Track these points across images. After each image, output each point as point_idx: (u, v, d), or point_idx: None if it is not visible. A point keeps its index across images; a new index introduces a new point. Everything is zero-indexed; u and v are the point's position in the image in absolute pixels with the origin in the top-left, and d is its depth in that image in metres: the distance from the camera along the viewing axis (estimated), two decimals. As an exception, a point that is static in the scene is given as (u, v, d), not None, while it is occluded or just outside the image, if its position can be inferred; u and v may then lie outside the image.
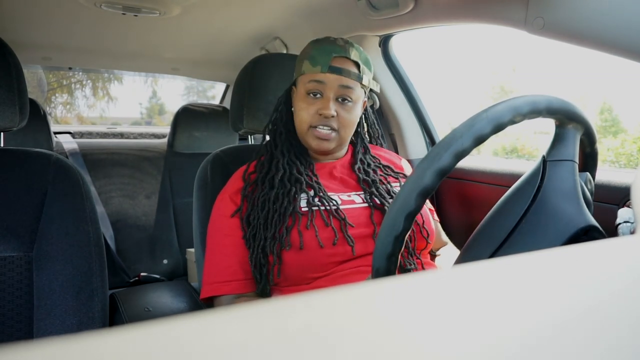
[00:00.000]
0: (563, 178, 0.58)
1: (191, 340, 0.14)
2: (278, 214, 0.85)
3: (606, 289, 0.19)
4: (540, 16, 0.88)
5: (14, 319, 0.83)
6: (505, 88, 7.95)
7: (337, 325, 0.16)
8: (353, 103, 0.92)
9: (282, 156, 0.94)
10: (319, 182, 0.92)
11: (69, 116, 11.05)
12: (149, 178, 2.03)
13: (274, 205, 0.87)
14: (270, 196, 0.88)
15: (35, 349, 0.13)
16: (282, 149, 0.95)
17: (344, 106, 0.91)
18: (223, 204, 0.93)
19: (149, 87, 12.40)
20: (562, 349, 0.14)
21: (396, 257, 0.53)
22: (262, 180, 0.91)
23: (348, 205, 0.90)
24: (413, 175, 0.53)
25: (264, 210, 0.87)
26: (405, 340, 0.15)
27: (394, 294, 0.19)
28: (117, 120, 11.12)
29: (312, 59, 0.91)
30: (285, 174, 0.91)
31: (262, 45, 1.84)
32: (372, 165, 1.00)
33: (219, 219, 0.92)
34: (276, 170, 0.91)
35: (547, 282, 0.20)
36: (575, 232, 0.53)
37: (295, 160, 0.94)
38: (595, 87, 6.50)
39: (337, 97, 0.91)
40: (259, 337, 0.15)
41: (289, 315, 0.16)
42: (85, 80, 10.85)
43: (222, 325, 0.15)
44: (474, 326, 0.16)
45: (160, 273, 1.87)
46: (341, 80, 0.90)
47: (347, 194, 0.93)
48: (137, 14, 1.46)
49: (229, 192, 0.94)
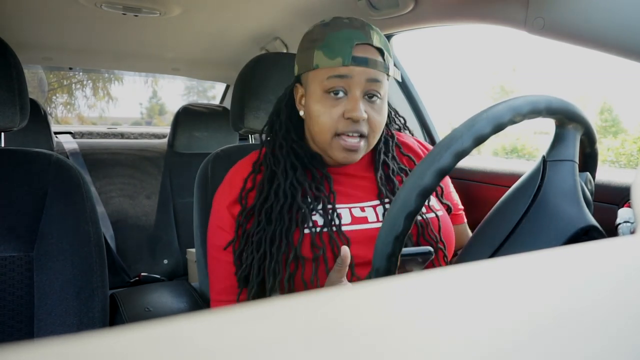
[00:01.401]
0: (563, 178, 0.58)
1: (191, 340, 0.14)
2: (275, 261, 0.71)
3: (606, 289, 0.19)
4: (540, 16, 0.88)
5: (14, 319, 0.83)
6: (506, 88, 7.95)
7: (337, 325, 0.16)
8: (382, 100, 0.77)
9: (285, 178, 0.77)
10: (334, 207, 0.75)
11: (70, 116, 11.06)
12: (149, 178, 2.03)
13: (271, 248, 0.72)
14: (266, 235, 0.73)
15: (35, 349, 0.13)
16: (286, 167, 0.78)
17: (373, 105, 0.76)
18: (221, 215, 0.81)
19: (149, 87, 12.40)
20: (562, 349, 0.14)
21: (396, 257, 0.53)
22: (259, 210, 0.76)
23: (358, 226, 0.76)
24: (413, 175, 0.53)
25: (259, 251, 0.73)
26: (405, 340, 0.15)
27: (394, 294, 0.19)
28: (118, 120, 11.13)
29: (329, 49, 0.74)
30: (285, 203, 0.75)
31: (262, 45, 1.84)
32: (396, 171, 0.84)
33: (217, 232, 0.82)
34: (275, 198, 0.76)
35: (547, 282, 0.20)
36: (575, 232, 0.53)
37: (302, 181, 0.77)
38: (595, 87, 6.50)
39: (365, 93, 0.75)
40: (259, 337, 0.15)
41: (289, 315, 0.16)
42: (85, 80, 10.85)
43: (222, 325, 0.15)
44: (474, 326, 0.16)
45: (160, 273, 1.87)
46: (368, 73, 0.73)
47: (361, 205, 0.79)
48: (137, 14, 1.46)
49: (226, 203, 0.81)
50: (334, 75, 0.74)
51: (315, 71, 0.76)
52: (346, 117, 0.74)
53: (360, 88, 0.74)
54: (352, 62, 0.73)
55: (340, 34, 0.74)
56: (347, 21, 0.76)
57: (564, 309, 0.17)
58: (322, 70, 0.75)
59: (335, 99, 0.74)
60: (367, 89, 0.75)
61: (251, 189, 0.80)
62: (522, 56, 8.07)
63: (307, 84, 0.78)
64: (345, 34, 0.74)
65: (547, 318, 0.16)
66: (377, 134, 0.78)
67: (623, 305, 0.17)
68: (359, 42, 0.73)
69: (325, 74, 0.74)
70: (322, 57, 0.74)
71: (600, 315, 0.17)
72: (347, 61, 0.72)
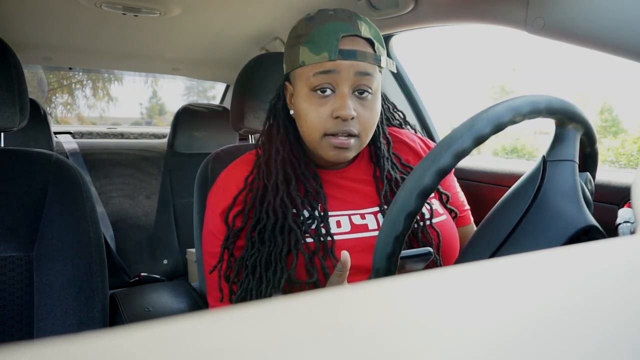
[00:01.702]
0: (563, 178, 0.58)
1: (191, 340, 0.14)
2: (272, 286, 0.68)
3: (606, 289, 0.19)
4: (540, 16, 0.88)
5: (14, 319, 0.82)
6: (506, 88, 7.95)
7: (337, 325, 0.16)
8: (373, 95, 0.73)
9: (276, 192, 0.73)
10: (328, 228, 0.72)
11: (69, 116, 11.05)
12: (149, 178, 2.03)
13: (267, 273, 0.69)
14: (261, 257, 0.70)
15: (35, 349, 0.13)
16: (277, 181, 0.74)
17: (363, 102, 0.72)
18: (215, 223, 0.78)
19: (149, 87, 12.39)
20: (562, 349, 0.14)
21: (396, 257, 0.53)
22: (252, 227, 0.73)
23: (358, 234, 0.73)
24: (413, 175, 0.53)
25: (255, 276, 0.70)
26: (405, 340, 0.15)
27: (394, 294, 0.19)
28: (118, 120, 11.13)
29: (314, 44, 0.70)
30: (277, 223, 0.71)
31: (262, 45, 1.84)
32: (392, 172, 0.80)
33: (211, 238, 0.79)
34: (267, 218, 0.72)
35: (547, 282, 0.20)
36: (575, 232, 0.53)
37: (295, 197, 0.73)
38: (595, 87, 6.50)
39: (354, 89, 0.71)
40: (260, 337, 0.15)
41: (289, 316, 0.16)
42: (85, 80, 10.85)
43: (222, 325, 0.15)
44: (474, 326, 0.16)
45: (160, 273, 1.87)
46: (357, 66, 0.69)
47: (361, 212, 0.76)
48: (137, 14, 1.46)
49: (219, 210, 0.78)
50: (320, 71, 0.70)
51: (302, 68, 0.72)
52: (334, 117, 0.70)
53: (348, 84, 0.70)
54: (339, 56, 0.68)
55: (325, 26, 0.70)
56: (332, 13, 0.72)
57: (564, 309, 0.17)
58: (308, 67, 0.71)
59: (322, 97, 0.71)
60: (356, 84, 0.71)
61: (241, 211, 0.76)
62: (522, 56, 8.07)
63: (295, 82, 0.75)
64: (331, 26, 0.70)
65: (547, 318, 0.16)
66: (369, 132, 0.74)
67: (623, 305, 0.17)
68: (345, 34, 0.69)
69: (312, 71, 0.70)
70: (307, 54, 0.70)
71: (601, 315, 0.17)
72: (334, 55, 0.68)
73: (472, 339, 0.15)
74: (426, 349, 0.14)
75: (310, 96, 0.72)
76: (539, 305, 0.17)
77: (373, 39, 0.72)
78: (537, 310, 0.17)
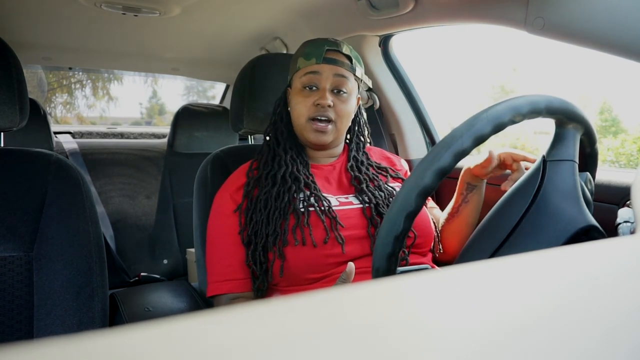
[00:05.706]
0: (563, 178, 0.58)
1: (191, 340, 0.14)
2: (279, 210, 0.87)
3: (606, 288, 0.19)
4: (540, 16, 0.88)
5: (14, 319, 0.82)
6: (506, 88, 7.95)
7: (337, 325, 0.16)
8: (348, 94, 0.94)
9: (285, 153, 0.96)
10: (314, 182, 0.93)
11: (69, 116, 11.06)
12: (149, 178, 2.03)
13: (276, 203, 0.88)
14: (272, 193, 0.89)
15: (35, 349, 0.13)
16: (285, 146, 0.96)
17: (339, 97, 0.94)
18: (223, 202, 0.94)
19: (149, 87, 12.41)
20: (562, 348, 0.14)
21: (396, 257, 0.53)
22: (266, 176, 0.93)
23: (344, 207, 0.91)
24: (413, 175, 0.53)
25: (267, 207, 0.88)
26: (405, 339, 0.15)
27: (394, 294, 0.19)
28: (117, 120, 11.13)
29: (306, 54, 0.95)
30: (287, 170, 0.92)
31: (262, 45, 1.85)
32: (365, 163, 1.01)
33: (220, 217, 0.93)
34: (278, 167, 0.93)
35: (547, 282, 0.20)
36: (575, 232, 0.53)
37: (295, 159, 0.95)
38: (595, 87, 6.49)
39: (333, 88, 0.93)
40: (259, 337, 0.15)
41: (289, 315, 0.16)
42: (85, 80, 10.85)
43: (222, 325, 0.15)
44: (473, 326, 0.16)
45: (160, 273, 1.87)
46: (336, 69, 0.93)
47: (345, 196, 0.95)
48: (137, 14, 1.46)
49: (229, 190, 0.95)
50: (308, 72, 0.93)
51: (298, 72, 0.96)
52: (315, 104, 0.92)
53: (329, 82, 0.93)
54: (323, 62, 0.93)
55: (317, 42, 0.96)
56: (323, 38, 0.97)
57: (564, 308, 0.17)
58: (302, 70, 0.95)
59: (309, 92, 0.93)
60: (335, 84, 0.93)
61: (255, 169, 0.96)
62: (522, 56, 8.06)
63: (292, 83, 0.98)
64: (320, 42, 0.95)
65: (547, 318, 0.16)
66: (343, 119, 0.95)
67: (623, 304, 0.17)
68: (329, 47, 0.94)
69: (303, 72, 0.94)
70: (302, 61, 0.95)
71: (600, 315, 0.17)
72: (319, 60, 0.93)
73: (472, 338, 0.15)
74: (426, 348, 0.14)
75: (301, 91, 0.95)
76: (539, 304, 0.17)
77: (351, 56, 0.96)
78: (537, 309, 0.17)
